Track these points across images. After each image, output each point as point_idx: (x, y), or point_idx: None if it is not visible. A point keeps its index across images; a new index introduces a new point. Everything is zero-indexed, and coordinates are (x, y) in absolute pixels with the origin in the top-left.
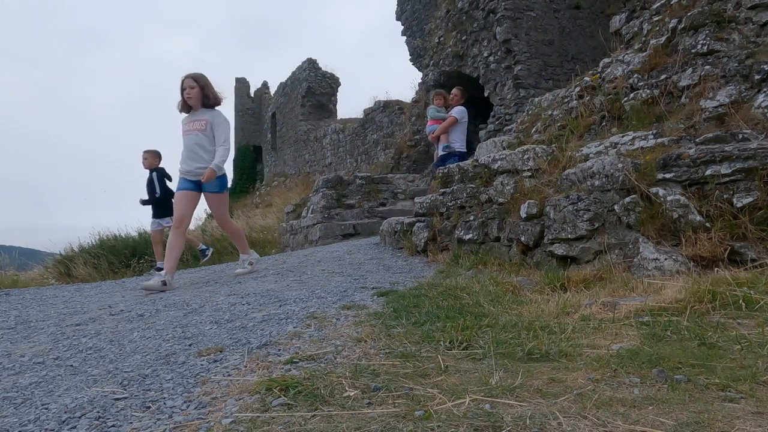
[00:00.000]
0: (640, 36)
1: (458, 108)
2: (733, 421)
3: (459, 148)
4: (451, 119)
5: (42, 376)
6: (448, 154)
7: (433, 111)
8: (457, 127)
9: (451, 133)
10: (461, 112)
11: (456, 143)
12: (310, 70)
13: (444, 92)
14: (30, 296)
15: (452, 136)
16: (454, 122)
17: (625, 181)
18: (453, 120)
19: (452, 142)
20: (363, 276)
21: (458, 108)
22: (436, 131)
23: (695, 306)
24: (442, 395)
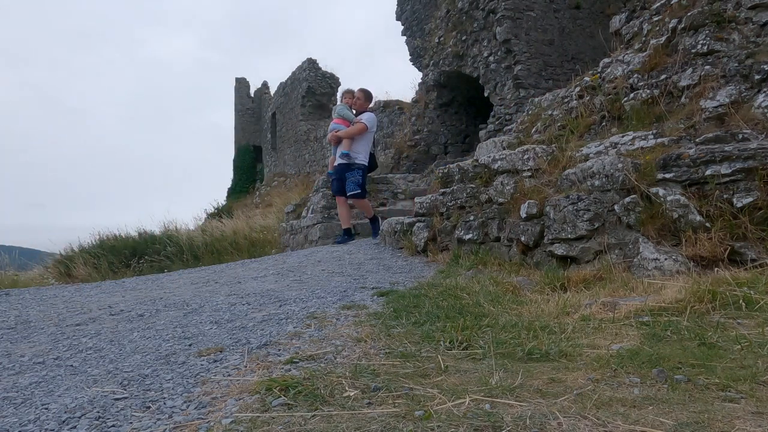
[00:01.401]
0: (640, 36)
1: (369, 115)
2: (733, 421)
3: (361, 161)
4: (361, 126)
5: (42, 376)
6: (348, 166)
7: (342, 109)
8: (363, 137)
9: (355, 142)
10: (372, 121)
11: (359, 155)
12: (310, 70)
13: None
14: (30, 296)
15: (356, 145)
16: (363, 130)
17: (625, 181)
18: (363, 128)
19: (355, 152)
20: (363, 276)
21: (369, 115)
22: (341, 133)
23: (695, 306)
24: (442, 395)
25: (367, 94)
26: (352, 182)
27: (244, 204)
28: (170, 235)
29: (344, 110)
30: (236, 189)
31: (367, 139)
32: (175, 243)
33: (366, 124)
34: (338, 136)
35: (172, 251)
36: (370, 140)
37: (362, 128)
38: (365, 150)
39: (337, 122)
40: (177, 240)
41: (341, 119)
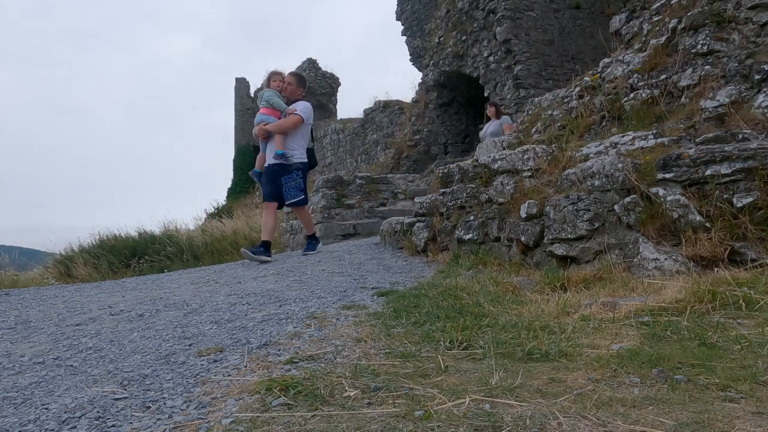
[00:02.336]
0: (640, 36)
1: (305, 104)
2: (733, 421)
3: (299, 158)
4: (296, 119)
5: (42, 376)
6: (284, 167)
7: (271, 95)
8: (299, 131)
9: (290, 137)
10: (308, 111)
11: (296, 151)
12: (310, 70)
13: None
14: (30, 296)
15: (292, 141)
16: (299, 123)
17: (625, 181)
18: (299, 120)
19: (290, 149)
20: (363, 276)
21: (305, 104)
22: (272, 127)
23: (695, 306)
24: (442, 395)
25: (300, 78)
26: (292, 187)
27: (244, 204)
28: (170, 235)
29: (274, 97)
30: (236, 189)
31: (304, 132)
32: (175, 243)
33: (302, 115)
34: (268, 130)
35: (172, 251)
36: (307, 134)
37: (298, 121)
38: (302, 146)
39: (266, 113)
40: (177, 240)
41: (270, 108)
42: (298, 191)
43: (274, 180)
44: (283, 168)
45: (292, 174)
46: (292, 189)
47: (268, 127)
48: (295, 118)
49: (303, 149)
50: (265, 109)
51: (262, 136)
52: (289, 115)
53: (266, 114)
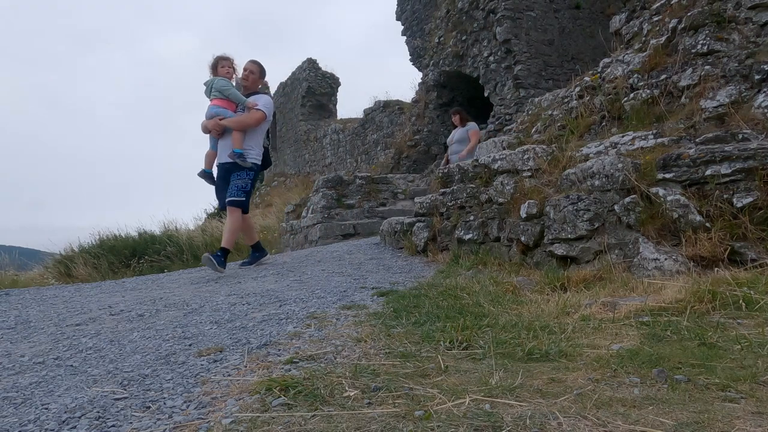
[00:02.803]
0: (640, 36)
1: (266, 98)
2: (733, 421)
3: (254, 159)
4: (259, 115)
5: (42, 376)
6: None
7: (225, 85)
8: (258, 128)
9: (249, 135)
10: (270, 106)
11: (252, 151)
12: (310, 70)
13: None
14: (30, 296)
15: (249, 139)
16: (262, 120)
17: (625, 181)
18: (262, 117)
19: (247, 149)
20: (363, 276)
21: (266, 98)
22: (231, 122)
23: (695, 306)
24: (442, 395)
25: (262, 68)
26: (237, 186)
27: None
28: (170, 235)
29: (229, 87)
30: None
31: (263, 130)
32: (175, 243)
33: (266, 112)
34: (224, 126)
35: (172, 251)
36: (265, 132)
37: (261, 118)
38: (259, 145)
39: (219, 104)
40: (177, 240)
41: (224, 100)
42: (242, 191)
43: (227, 181)
44: (237, 166)
45: (243, 172)
46: (236, 187)
47: (225, 122)
48: (259, 114)
49: (260, 149)
50: (218, 101)
51: (215, 132)
52: (250, 109)
53: (220, 106)
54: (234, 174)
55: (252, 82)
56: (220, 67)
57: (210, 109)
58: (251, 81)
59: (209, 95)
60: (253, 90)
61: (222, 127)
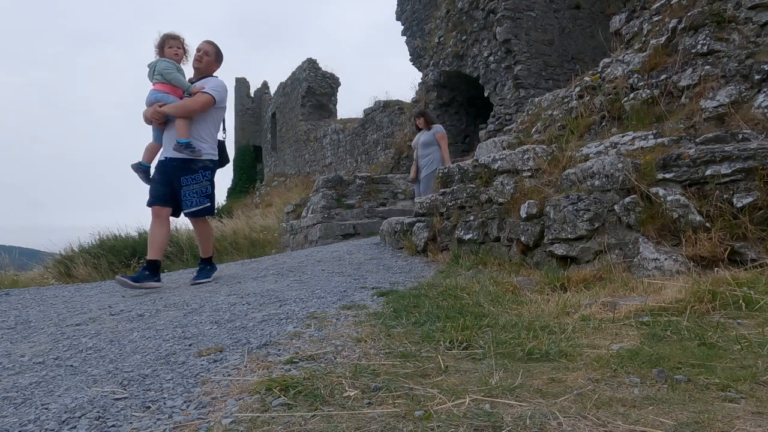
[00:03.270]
0: (640, 36)
1: (217, 81)
2: (733, 421)
3: (208, 153)
4: (206, 99)
5: (42, 376)
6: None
7: (169, 67)
8: (209, 116)
9: (197, 123)
10: (222, 90)
11: (205, 143)
12: (310, 70)
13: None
14: (30, 296)
15: (199, 129)
16: (210, 105)
17: (625, 181)
18: (209, 101)
19: (199, 139)
20: (363, 276)
21: (217, 81)
22: (171, 109)
23: (695, 306)
24: (442, 395)
25: (218, 50)
26: (195, 191)
27: (244, 204)
28: (170, 235)
29: (172, 71)
30: (236, 189)
31: (215, 118)
32: (175, 243)
33: (214, 95)
34: (165, 113)
35: (172, 251)
36: (220, 121)
37: (208, 101)
38: (212, 136)
39: (161, 89)
40: (177, 240)
41: (167, 85)
42: (203, 197)
43: (169, 180)
44: (186, 165)
45: (197, 174)
46: (194, 194)
47: (165, 109)
48: (205, 97)
49: (213, 141)
50: (160, 85)
51: (156, 121)
52: (195, 93)
53: (162, 91)
54: (185, 178)
55: (206, 65)
56: (167, 48)
57: (150, 95)
58: (205, 63)
59: (151, 79)
60: (207, 75)
61: (163, 116)
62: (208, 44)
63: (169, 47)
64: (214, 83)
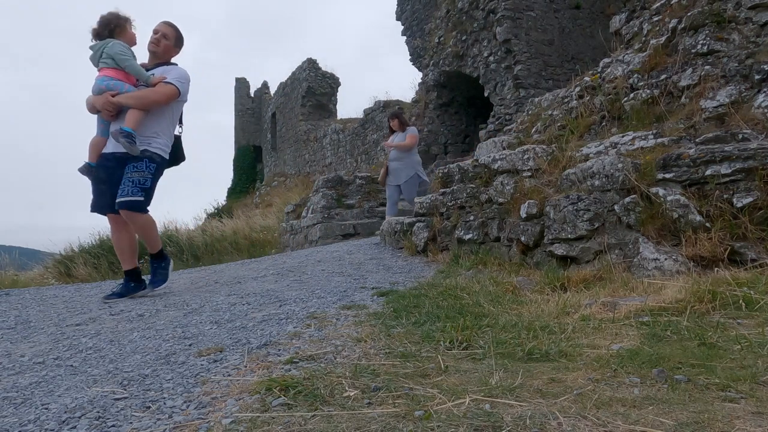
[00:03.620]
0: (640, 36)
1: (181, 70)
2: (733, 421)
3: (160, 149)
4: (170, 90)
5: (42, 376)
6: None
7: (122, 51)
8: (168, 109)
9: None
10: (186, 80)
11: (158, 139)
12: (310, 70)
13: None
14: (30, 296)
15: (155, 123)
16: (174, 97)
17: (625, 181)
18: (173, 92)
19: (152, 135)
20: (363, 276)
21: (181, 70)
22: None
23: (695, 306)
24: (442, 395)
25: (179, 33)
26: (134, 180)
27: (244, 204)
28: (170, 235)
29: (128, 56)
30: (236, 189)
31: (174, 112)
32: (175, 243)
33: (179, 87)
34: (121, 104)
35: (172, 251)
36: (178, 116)
37: (172, 94)
38: (169, 132)
39: (111, 75)
40: (177, 240)
41: (118, 70)
42: (138, 188)
43: (118, 177)
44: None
45: (141, 162)
46: (130, 182)
47: (120, 99)
48: (170, 89)
49: (169, 137)
50: (109, 71)
51: (107, 112)
52: (156, 84)
53: (114, 78)
54: (130, 165)
55: (164, 50)
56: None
57: (98, 82)
58: (163, 48)
59: (97, 63)
60: (164, 61)
61: (116, 107)
62: (166, 26)
63: (119, 28)
64: (178, 73)
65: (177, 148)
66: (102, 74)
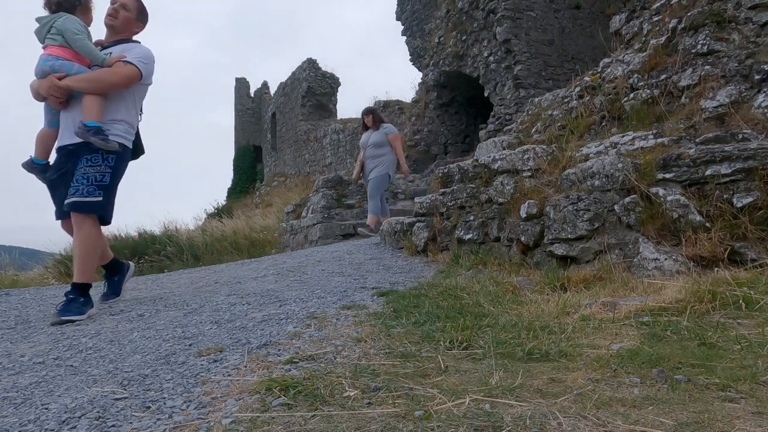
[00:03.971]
0: (640, 36)
1: (144, 49)
2: (733, 421)
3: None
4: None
5: (42, 376)
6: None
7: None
8: (129, 93)
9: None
10: (149, 61)
11: (118, 126)
12: (310, 70)
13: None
14: (30, 296)
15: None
16: (135, 79)
17: (625, 181)
18: (134, 74)
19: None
20: (363, 276)
21: (144, 49)
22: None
23: (695, 306)
24: (442, 395)
25: (141, 5)
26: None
27: (244, 204)
28: (170, 235)
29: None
30: (236, 189)
31: (136, 98)
32: (175, 243)
33: (140, 67)
34: (70, 87)
35: (172, 251)
36: (141, 102)
37: (133, 75)
38: (132, 119)
39: (58, 53)
40: (177, 240)
41: (67, 49)
42: (94, 187)
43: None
44: (87, 145)
45: (97, 155)
46: (84, 179)
47: (70, 82)
48: (130, 69)
49: (130, 125)
50: (56, 49)
51: (54, 99)
52: (114, 64)
53: (61, 58)
54: (83, 159)
55: (123, 23)
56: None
57: (41, 63)
58: (122, 20)
59: (43, 39)
60: (124, 37)
61: (64, 92)
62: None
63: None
64: (140, 52)
65: (135, 139)
66: (47, 53)
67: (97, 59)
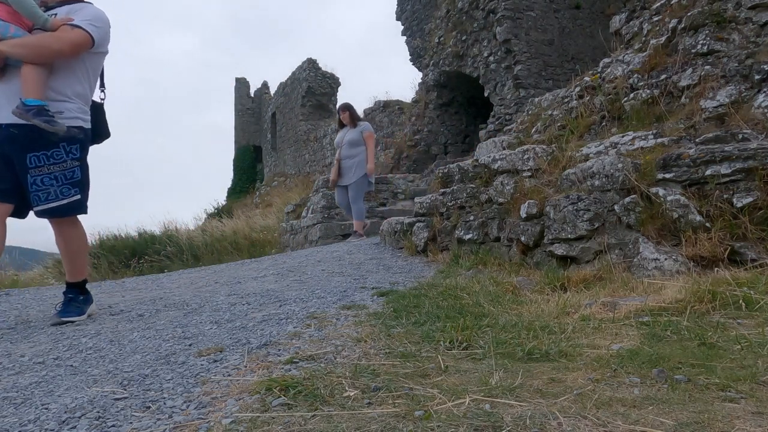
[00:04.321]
0: (640, 36)
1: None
2: (733, 421)
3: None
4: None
5: (42, 376)
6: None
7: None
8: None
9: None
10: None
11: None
12: (310, 70)
13: None
14: (30, 296)
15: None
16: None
17: (625, 181)
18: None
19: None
20: (363, 276)
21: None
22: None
23: (695, 306)
24: (442, 395)
25: None
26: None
27: (244, 204)
28: (170, 235)
29: None
30: (236, 189)
31: (91, 70)
32: (175, 243)
33: (91, 31)
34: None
35: (172, 251)
36: (97, 74)
37: (82, 41)
38: (85, 94)
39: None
40: (177, 240)
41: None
42: (67, 186)
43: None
44: (35, 135)
45: (57, 149)
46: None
47: (4, 46)
48: (77, 33)
49: (85, 101)
50: None
51: None
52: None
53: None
54: (33, 156)
55: None
56: None
57: None
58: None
59: None
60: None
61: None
62: None
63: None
64: (91, 13)
65: (98, 119)
66: None
67: (39, 21)
